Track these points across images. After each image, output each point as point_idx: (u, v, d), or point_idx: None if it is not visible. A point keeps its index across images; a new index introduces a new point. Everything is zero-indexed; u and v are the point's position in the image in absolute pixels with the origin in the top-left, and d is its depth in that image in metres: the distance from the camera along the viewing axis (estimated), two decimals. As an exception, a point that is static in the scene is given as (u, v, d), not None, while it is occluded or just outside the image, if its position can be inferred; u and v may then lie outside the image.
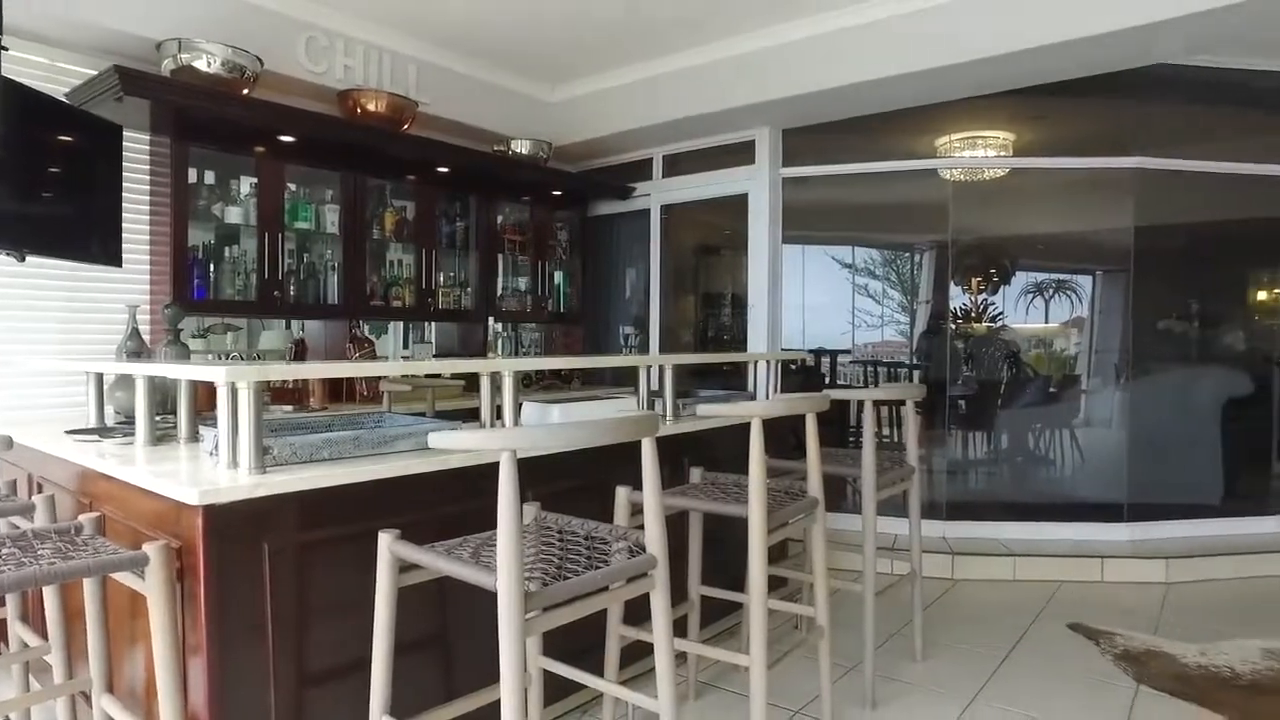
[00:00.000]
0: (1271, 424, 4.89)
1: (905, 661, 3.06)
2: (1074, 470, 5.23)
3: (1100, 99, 4.47)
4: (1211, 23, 3.43)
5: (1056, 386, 5.65)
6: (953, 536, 4.40)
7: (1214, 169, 4.53)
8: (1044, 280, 5.54)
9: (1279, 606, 3.73)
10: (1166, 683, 2.88)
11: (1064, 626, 3.43)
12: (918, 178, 4.89)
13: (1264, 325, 5.04)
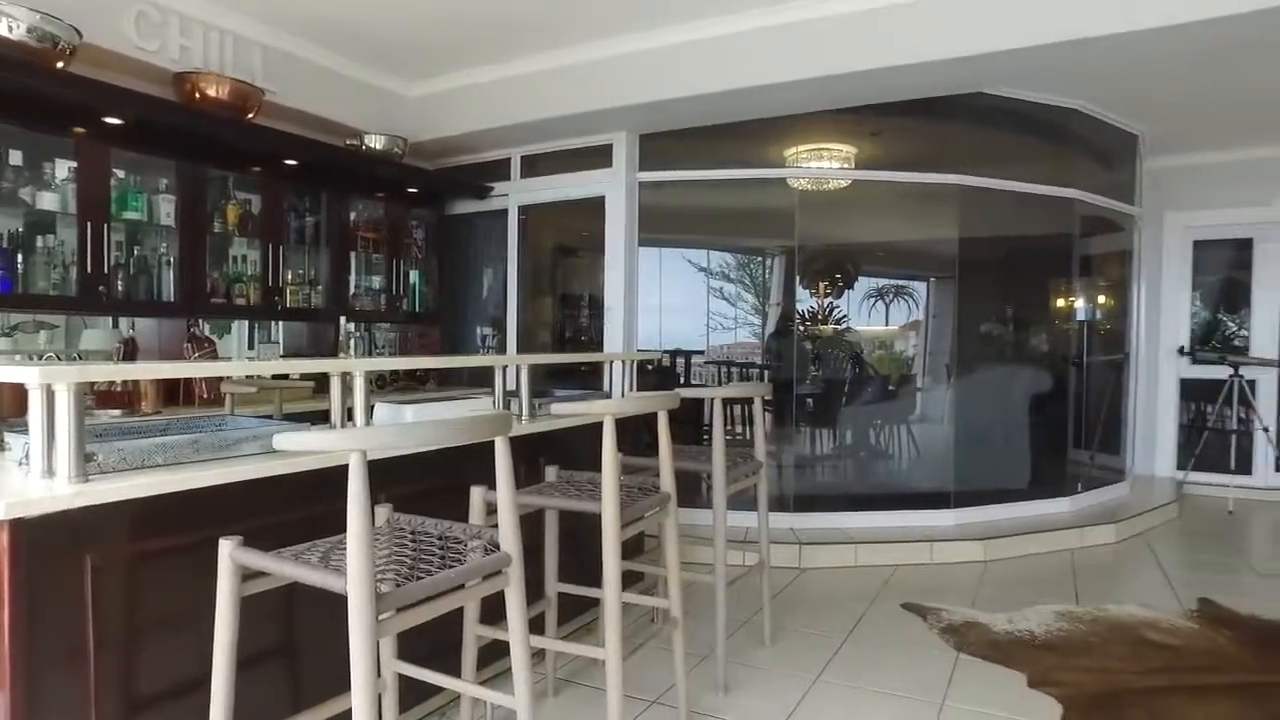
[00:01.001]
0: (1068, 417, 5.49)
1: (756, 647, 3.21)
2: (910, 463, 5.65)
3: (930, 120, 4.86)
4: (1020, 59, 3.84)
5: (895, 385, 6.08)
6: (800, 528, 4.65)
7: (1017, 188, 5.04)
8: (884, 286, 5.96)
9: (1070, 575, 4.20)
10: (981, 649, 3.18)
11: (898, 606, 3.71)
12: (768, 185, 5.14)
13: (1062, 329, 5.64)
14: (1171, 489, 6.09)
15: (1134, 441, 6.37)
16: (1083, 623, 3.48)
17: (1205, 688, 2.84)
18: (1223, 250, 6.77)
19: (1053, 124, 5.14)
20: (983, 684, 2.88)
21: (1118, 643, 3.25)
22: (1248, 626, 3.47)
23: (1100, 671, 2.96)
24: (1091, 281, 5.92)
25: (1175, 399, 6.73)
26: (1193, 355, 6.59)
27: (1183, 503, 5.88)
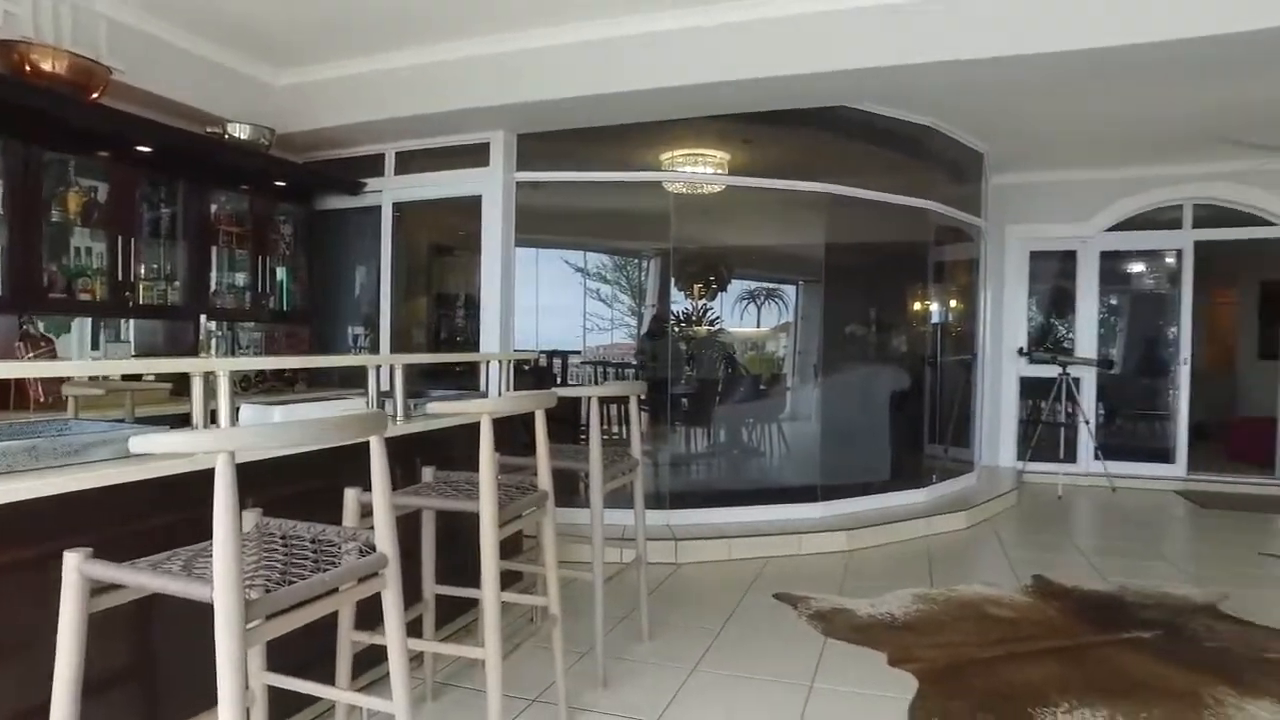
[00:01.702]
0: (924, 413, 5.89)
1: (634, 642, 3.27)
2: (780, 459, 5.89)
3: (799, 130, 5.10)
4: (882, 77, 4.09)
5: (766, 385, 6.33)
6: (676, 524, 4.76)
7: (878, 198, 5.36)
8: (757, 288, 6.19)
9: (925, 560, 4.51)
10: (847, 633, 3.37)
11: (770, 596, 3.87)
12: (645, 188, 5.24)
13: (919, 331, 6.04)
14: (1013, 478, 6.64)
15: (981, 435, 6.90)
16: (936, 603, 3.74)
17: (1036, 653, 3.13)
18: (1053, 261, 7.44)
19: (910, 139, 5.49)
20: (848, 665, 3.05)
21: (965, 619, 3.53)
22: (1071, 597, 3.85)
23: (950, 646, 3.20)
24: (944, 287, 6.37)
25: (1015, 396, 7.33)
26: (1029, 356, 7.20)
27: (1021, 490, 6.42)
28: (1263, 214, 6.81)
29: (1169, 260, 7.34)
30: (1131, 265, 8.26)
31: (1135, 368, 8.65)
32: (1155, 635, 3.37)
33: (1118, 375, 8.93)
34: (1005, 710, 2.65)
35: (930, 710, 2.65)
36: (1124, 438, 8.11)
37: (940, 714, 2.62)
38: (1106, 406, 8.43)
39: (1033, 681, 2.87)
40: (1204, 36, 3.47)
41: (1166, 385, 7.33)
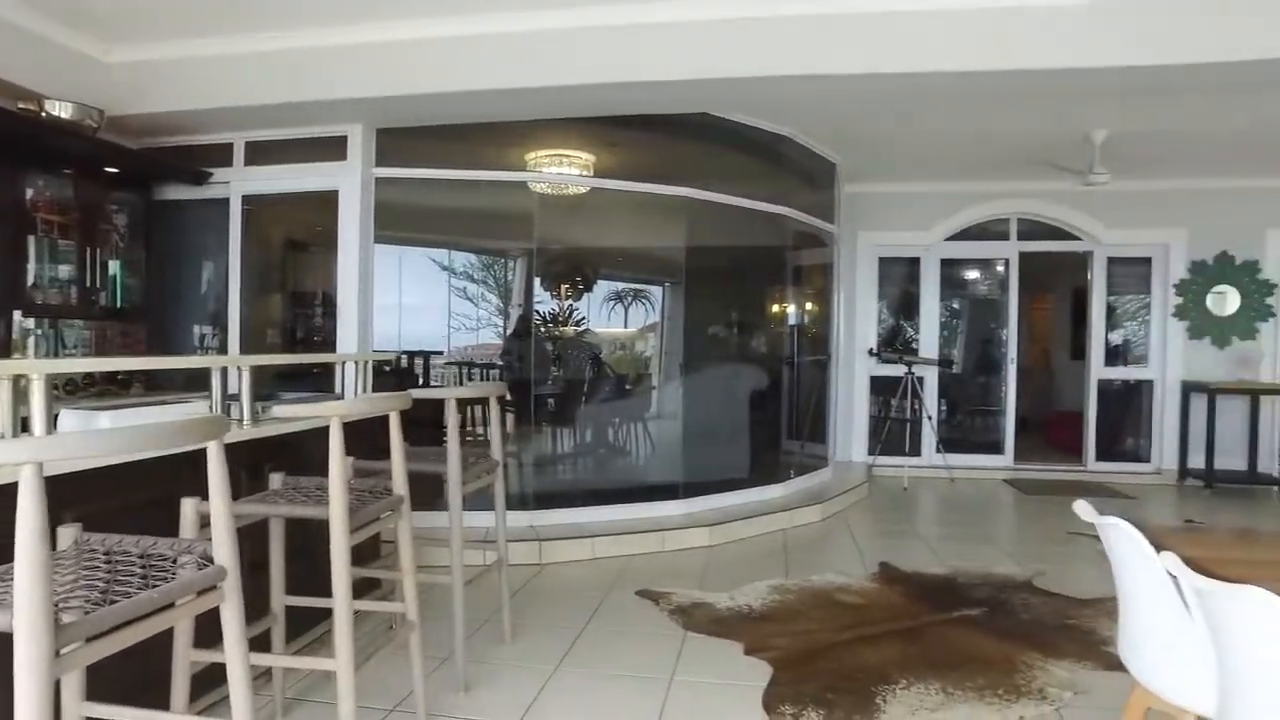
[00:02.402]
0: (782, 411, 6.15)
1: (497, 644, 3.25)
2: (646, 457, 5.98)
3: (663, 135, 5.20)
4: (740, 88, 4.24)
5: (632, 385, 6.42)
6: (540, 525, 4.76)
7: (738, 203, 5.55)
8: (623, 289, 6.27)
9: (782, 553, 4.71)
10: (706, 626, 3.48)
11: (633, 594, 3.93)
12: (509, 188, 5.20)
13: (777, 332, 6.30)
14: (864, 472, 7.03)
15: (835, 432, 7.27)
16: (791, 593, 3.92)
17: (880, 635, 3.34)
18: (900, 266, 7.95)
19: (769, 148, 5.72)
20: (707, 657, 3.15)
21: (818, 607, 3.71)
22: (912, 582, 4.13)
23: (803, 634, 3.36)
24: (801, 290, 6.67)
25: (866, 394, 7.78)
26: (878, 356, 7.66)
27: (872, 483, 6.81)
28: (1072, 229, 7.56)
29: (999, 269, 7.99)
30: (968, 272, 8.94)
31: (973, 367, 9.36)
32: (982, 612, 3.67)
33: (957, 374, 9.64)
34: (851, 690, 2.81)
35: (783, 696, 2.78)
36: (962, 432, 8.77)
37: (792, 699, 2.75)
38: (948, 403, 9.08)
39: (876, 662, 3.07)
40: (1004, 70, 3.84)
41: (998, 383, 7.97)
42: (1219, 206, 7.26)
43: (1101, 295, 7.68)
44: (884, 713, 2.66)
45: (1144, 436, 7.68)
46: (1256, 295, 7.26)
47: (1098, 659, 3.09)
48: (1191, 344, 7.40)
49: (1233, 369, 7.25)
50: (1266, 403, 7.17)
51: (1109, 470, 7.55)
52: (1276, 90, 4.38)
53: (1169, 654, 1.69)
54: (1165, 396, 7.48)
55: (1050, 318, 11.26)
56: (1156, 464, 7.52)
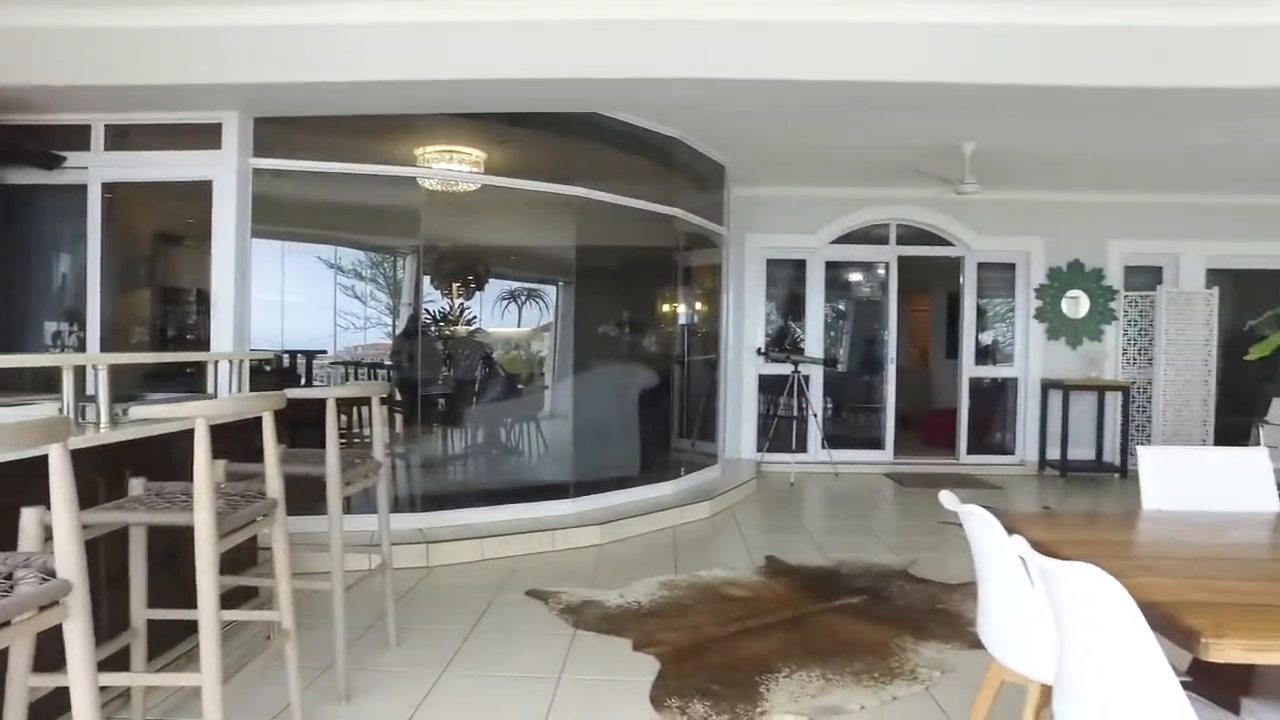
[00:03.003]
0: (673, 410, 6.24)
1: (381, 650, 3.16)
2: (537, 457, 5.95)
3: (553, 134, 5.19)
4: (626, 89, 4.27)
5: (525, 384, 6.36)
6: (428, 526, 4.66)
7: (629, 204, 5.60)
8: (517, 289, 6.20)
9: (672, 549, 4.78)
10: (596, 623, 3.49)
11: (523, 594, 3.90)
12: (398, 183, 5.06)
13: (668, 332, 6.39)
14: (752, 468, 7.22)
15: (725, 429, 7.43)
16: (680, 589, 3.98)
17: (765, 627, 3.44)
18: (787, 268, 8.21)
19: (660, 149, 5.80)
20: (595, 654, 3.16)
21: (706, 601, 3.79)
22: (797, 574, 4.27)
23: (692, 628, 3.43)
24: (691, 291, 6.79)
25: (755, 392, 7.99)
26: (766, 355, 7.88)
27: (760, 479, 7.01)
28: (946, 235, 8.00)
29: (880, 272, 8.36)
30: (852, 275, 9.30)
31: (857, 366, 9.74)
32: (861, 600, 3.83)
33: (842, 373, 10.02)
34: (735, 681, 2.89)
35: (669, 689, 2.82)
36: (847, 428, 9.13)
37: (678, 692, 2.80)
38: (833, 401, 9.43)
39: (761, 652, 3.16)
40: (880, 82, 4.02)
41: (880, 382, 8.34)
42: (1071, 218, 7.85)
43: (972, 298, 8.16)
44: (767, 700, 2.74)
45: (1009, 431, 8.20)
46: (1102, 300, 7.89)
47: (963, 639, 3.28)
48: (1050, 344, 7.96)
49: (1084, 367, 7.85)
50: (1110, 398, 7.81)
51: (979, 463, 8.03)
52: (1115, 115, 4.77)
53: (1019, 630, 1.82)
54: (1027, 393, 8.03)
55: (928, 319, 11.86)
56: (1020, 456, 8.05)
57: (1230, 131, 5.46)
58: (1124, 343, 7.99)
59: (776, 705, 2.71)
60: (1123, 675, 1.36)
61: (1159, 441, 7.51)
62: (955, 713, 2.67)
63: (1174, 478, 2.38)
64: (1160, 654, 1.29)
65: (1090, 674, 1.45)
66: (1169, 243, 7.93)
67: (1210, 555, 1.82)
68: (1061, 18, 3.87)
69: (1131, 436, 7.78)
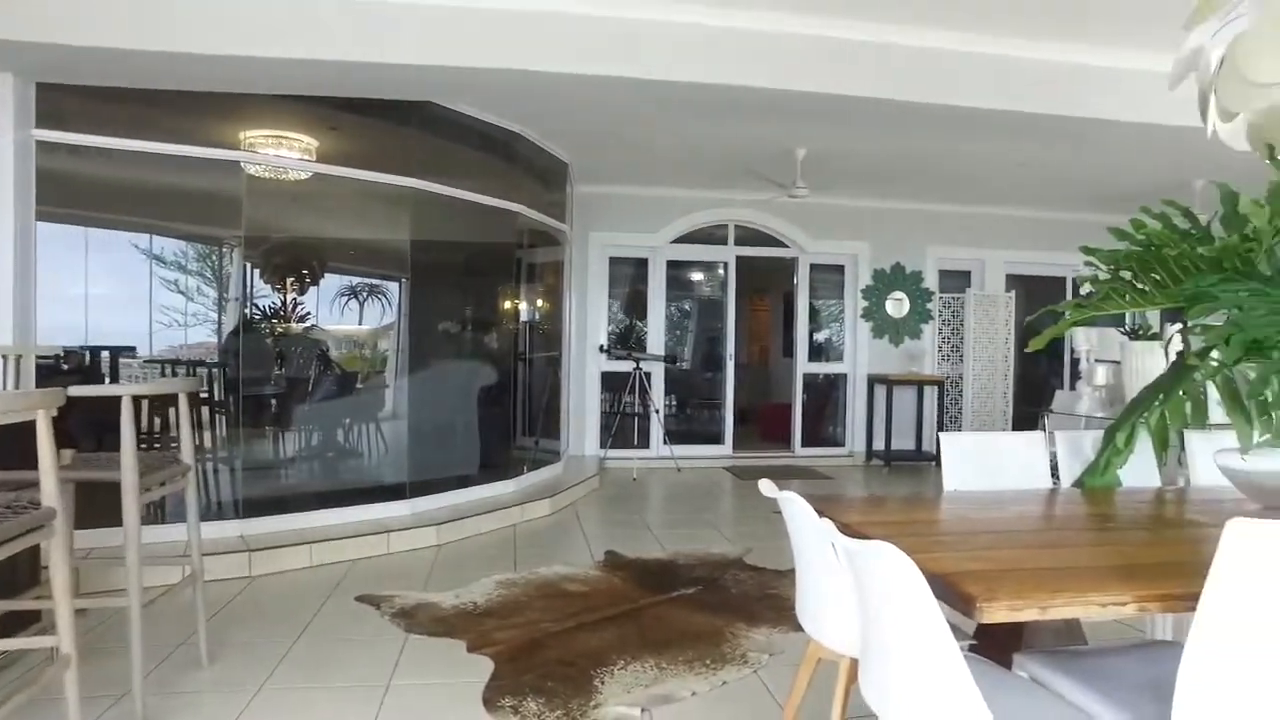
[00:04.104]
0: (515, 407, 6.17)
1: (192, 670, 2.93)
2: (375, 458, 5.71)
3: (388, 123, 4.99)
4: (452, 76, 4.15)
5: (364, 383, 6.09)
6: (253, 533, 4.36)
7: (470, 198, 5.48)
8: (357, 284, 5.92)
9: (512, 547, 4.73)
10: (429, 626, 3.39)
11: (353, 600, 3.73)
12: (221, 169, 4.68)
13: (510, 329, 6.31)
14: (595, 465, 7.26)
15: (568, 426, 7.44)
16: (518, 587, 3.94)
17: (602, 620, 3.47)
18: (630, 267, 8.32)
19: (501, 143, 5.71)
20: (428, 658, 3.07)
21: (544, 598, 3.77)
22: (635, 567, 4.34)
23: (528, 626, 3.39)
24: (534, 288, 6.74)
25: (598, 389, 8.04)
26: (609, 353, 7.96)
27: (603, 475, 7.06)
28: (781, 237, 8.39)
29: (720, 271, 8.64)
30: (693, 274, 9.57)
31: (699, 364, 10.03)
32: (697, 590, 3.94)
33: (684, 370, 10.29)
34: (570, 676, 2.88)
35: (503, 689, 2.78)
36: (688, 424, 9.40)
37: (512, 691, 2.76)
38: (675, 397, 9.66)
39: (597, 646, 3.17)
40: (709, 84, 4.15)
41: (720, 378, 8.61)
42: (895, 224, 8.44)
43: (806, 298, 8.59)
44: (601, 693, 2.75)
45: (840, 424, 8.71)
46: (920, 301, 8.55)
47: (790, 622, 3.44)
48: (875, 342, 8.52)
49: (905, 363, 8.46)
50: (928, 391, 8.47)
51: (812, 455, 8.47)
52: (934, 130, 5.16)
53: (830, 609, 1.92)
54: (855, 388, 8.55)
55: (767, 318, 12.39)
56: (849, 447, 8.56)
57: (1028, 153, 6.06)
58: (939, 340, 8.68)
59: (611, 697, 2.73)
60: (913, 643, 1.46)
61: (968, 430, 8.22)
62: (780, 693, 2.80)
63: (969, 461, 2.60)
64: (943, 621, 1.39)
65: (887, 644, 1.56)
66: (976, 250, 8.70)
67: (991, 529, 2.00)
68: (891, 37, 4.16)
69: (945, 426, 8.45)
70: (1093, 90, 4.51)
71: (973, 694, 1.37)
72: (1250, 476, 2.01)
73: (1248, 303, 1.88)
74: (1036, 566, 1.60)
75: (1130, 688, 1.63)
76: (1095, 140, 5.19)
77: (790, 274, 8.74)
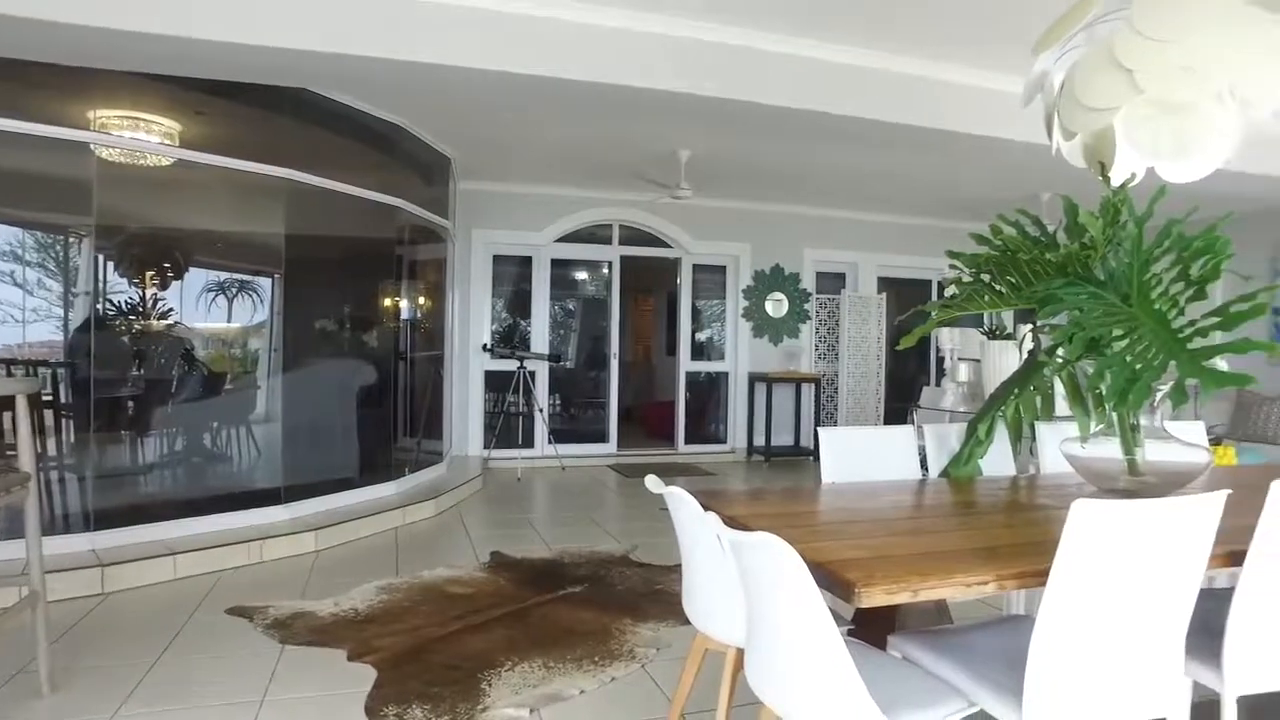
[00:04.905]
0: (396, 408, 6.00)
1: (29, 700, 2.68)
2: (248, 462, 5.41)
3: (261, 109, 4.74)
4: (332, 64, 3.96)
5: (234, 383, 5.75)
6: (106, 546, 4.05)
7: (348, 191, 5.28)
8: (226, 279, 5.57)
9: (394, 551, 4.60)
10: (307, 636, 3.25)
11: (223, 612, 3.53)
12: (69, 151, 4.29)
13: (391, 327, 6.12)
14: (479, 465, 7.15)
15: (451, 427, 7.29)
16: (401, 591, 3.83)
17: (489, 622, 3.42)
18: (514, 265, 8.24)
19: (382, 136, 5.53)
20: (305, 670, 2.94)
21: (428, 602, 3.68)
22: (522, 567, 4.30)
23: (411, 631, 3.31)
24: (416, 285, 6.56)
25: (481, 389, 7.92)
26: (492, 352, 7.86)
27: (487, 476, 6.96)
28: (664, 237, 8.51)
29: (605, 270, 8.68)
30: (578, 273, 9.57)
31: (583, 362, 10.03)
32: (584, 588, 3.95)
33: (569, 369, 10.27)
34: (456, 680, 2.83)
35: (386, 697, 2.70)
36: (573, 423, 9.39)
37: (395, 699, 2.69)
38: (560, 396, 9.64)
39: (483, 648, 3.13)
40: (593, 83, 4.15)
41: (605, 377, 8.65)
42: (775, 226, 8.73)
43: (689, 298, 8.75)
44: (489, 695, 2.72)
45: (722, 421, 8.92)
46: (798, 301, 8.88)
47: (678, 616, 3.50)
48: (755, 341, 8.78)
49: (784, 362, 8.76)
50: (805, 389, 8.81)
51: (696, 451, 8.64)
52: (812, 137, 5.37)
53: (716, 600, 1.98)
54: (737, 386, 8.78)
55: (651, 317, 12.54)
56: (731, 444, 8.79)
57: (900, 162, 6.40)
58: (816, 340, 9.04)
59: (499, 699, 2.70)
60: (797, 630, 1.53)
61: (843, 425, 8.60)
62: (668, 686, 2.84)
63: (845, 454, 2.73)
64: (825, 607, 1.46)
65: (772, 632, 1.62)
66: (850, 253, 9.11)
67: (867, 518, 2.11)
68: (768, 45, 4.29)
69: (822, 422, 8.81)
70: (951, 105, 4.80)
71: (853, 675, 1.45)
72: (1089, 462, 2.20)
73: (1087, 304, 2.06)
74: (909, 552, 1.70)
75: (989, 660, 1.75)
76: (956, 152, 5.53)
77: (674, 274, 8.88)
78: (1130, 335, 1.97)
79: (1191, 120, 2.07)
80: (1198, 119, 2.07)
